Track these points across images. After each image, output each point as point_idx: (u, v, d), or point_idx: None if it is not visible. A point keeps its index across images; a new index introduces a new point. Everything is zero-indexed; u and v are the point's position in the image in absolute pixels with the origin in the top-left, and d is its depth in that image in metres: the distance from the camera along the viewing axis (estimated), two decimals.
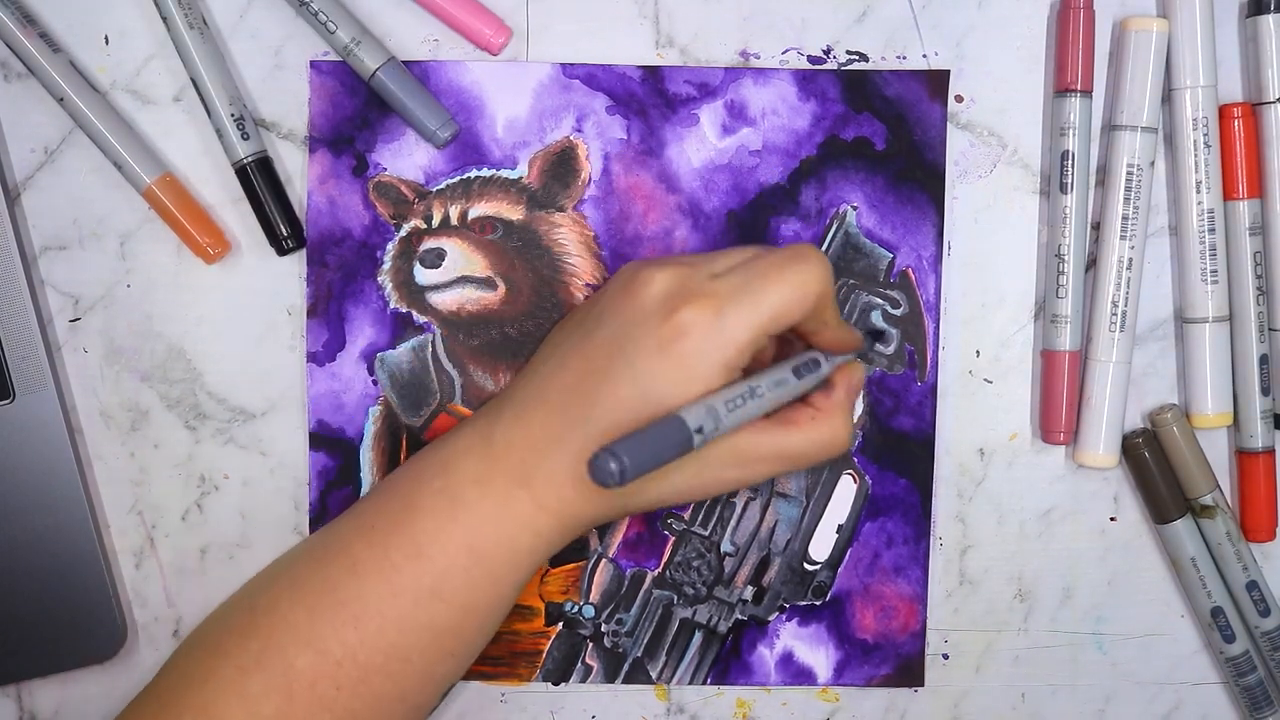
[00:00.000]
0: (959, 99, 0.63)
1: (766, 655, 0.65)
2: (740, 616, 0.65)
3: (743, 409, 0.54)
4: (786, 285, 0.54)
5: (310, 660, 0.55)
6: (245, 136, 0.61)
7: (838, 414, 0.57)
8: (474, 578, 0.56)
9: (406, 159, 0.63)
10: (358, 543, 0.57)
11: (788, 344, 0.60)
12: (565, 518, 0.56)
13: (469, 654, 0.58)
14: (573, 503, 0.56)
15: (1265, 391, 0.63)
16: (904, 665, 0.65)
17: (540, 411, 0.56)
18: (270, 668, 0.55)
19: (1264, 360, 0.63)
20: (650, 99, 0.63)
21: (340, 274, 0.63)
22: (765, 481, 0.64)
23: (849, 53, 0.63)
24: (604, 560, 0.65)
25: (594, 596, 0.65)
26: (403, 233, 0.63)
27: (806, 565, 0.65)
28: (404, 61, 0.62)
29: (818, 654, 0.65)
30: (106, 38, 0.62)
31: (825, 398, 0.58)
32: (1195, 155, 0.62)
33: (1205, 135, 0.62)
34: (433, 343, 0.63)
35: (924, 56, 0.63)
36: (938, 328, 0.64)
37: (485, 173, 0.63)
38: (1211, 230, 0.62)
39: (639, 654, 0.65)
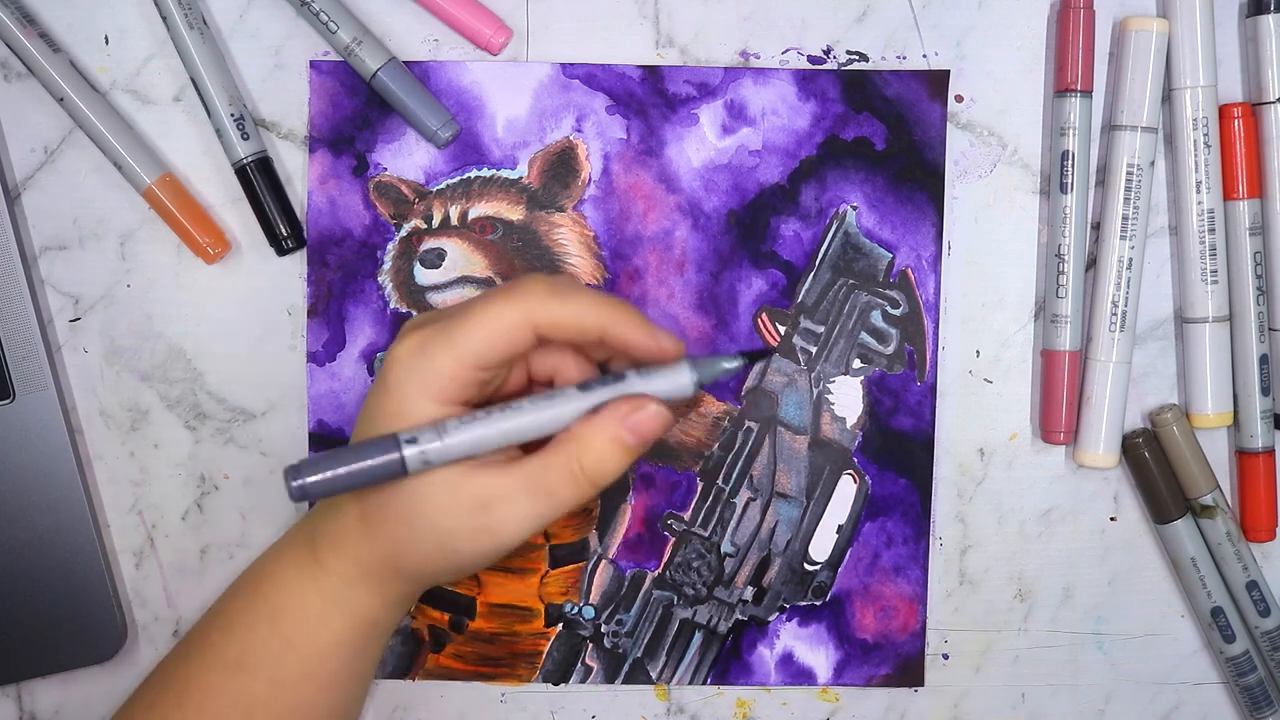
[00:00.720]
0: (959, 99, 0.63)
1: (766, 655, 0.65)
2: (740, 617, 0.65)
3: (464, 438, 0.51)
4: (484, 320, 0.51)
5: None
6: (245, 136, 0.61)
7: (593, 437, 0.52)
8: (272, 647, 0.56)
9: (406, 159, 0.63)
10: (191, 634, 0.58)
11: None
12: (347, 576, 0.55)
13: None
14: (349, 559, 0.55)
15: (1265, 391, 0.63)
16: (904, 665, 0.65)
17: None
18: None
19: (1264, 360, 0.63)
20: (650, 99, 0.63)
21: (340, 274, 0.63)
22: (766, 469, 0.64)
23: (849, 53, 0.63)
24: (604, 561, 0.65)
25: (594, 597, 0.65)
26: (403, 233, 0.63)
27: (806, 565, 0.65)
28: (404, 61, 0.62)
29: (818, 654, 0.65)
30: (106, 38, 0.62)
31: (586, 420, 0.52)
32: (1195, 155, 0.62)
33: (1205, 135, 0.62)
34: None
35: (924, 56, 0.63)
36: (937, 328, 0.64)
37: (485, 173, 0.63)
38: (1211, 230, 0.62)
39: (639, 654, 0.65)
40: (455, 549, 0.53)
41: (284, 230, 0.62)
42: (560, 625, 0.65)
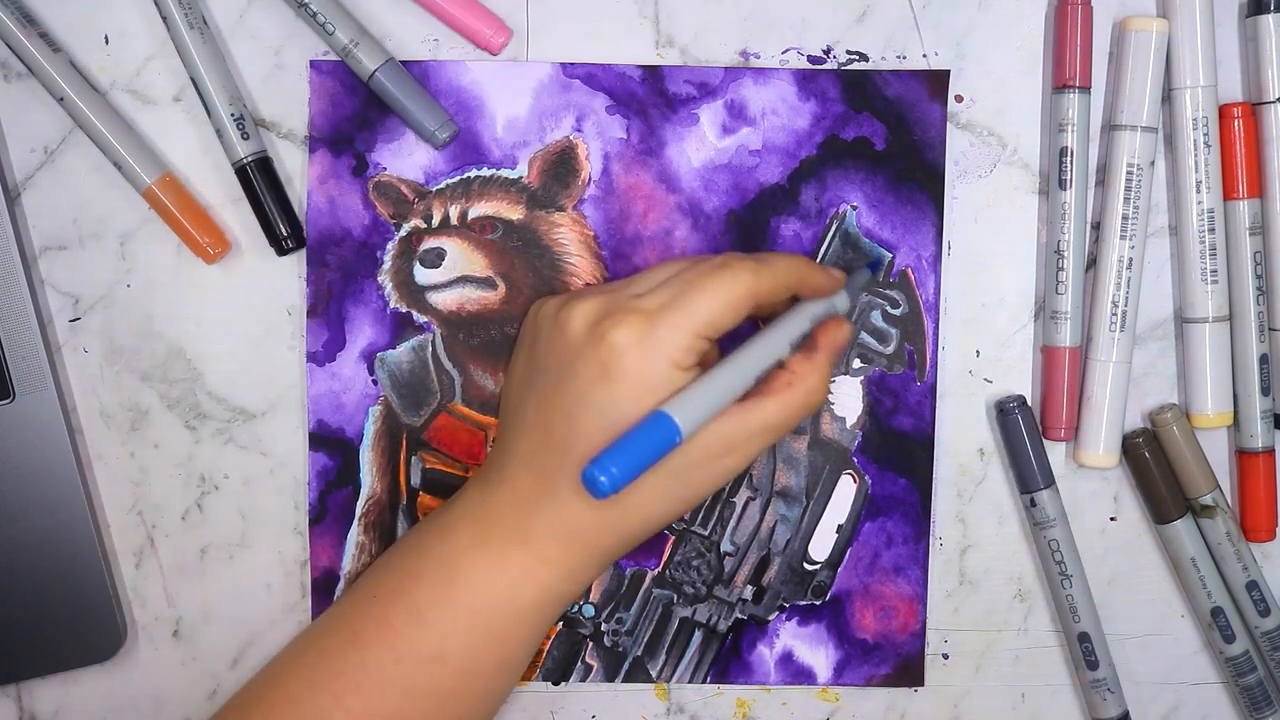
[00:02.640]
0: (959, 99, 0.63)
1: (766, 655, 0.65)
2: (740, 616, 0.65)
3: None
4: (714, 294, 0.55)
5: None
6: (245, 136, 0.61)
7: (813, 375, 0.57)
8: (475, 640, 0.56)
9: (406, 159, 0.63)
10: (357, 615, 0.58)
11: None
12: (571, 567, 0.57)
13: (479, 715, 0.58)
14: (575, 549, 0.56)
15: (1265, 391, 0.63)
16: (904, 665, 0.65)
17: (522, 472, 0.57)
18: None
19: (1264, 360, 0.63)
20: (650, 99, 0.63)
21: (340, 274, 0.63)
22: (765, 469, 0.64)
23: (849, 53, 0.63)
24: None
25: (594, 596, 0.65)
26: (403, 232, 0.63)
27: (806, 565, 0.65)
28: (404, 61, 0.62)
29: (817, 654, 0.65)
30: (106, 38, 0.62)
31: (804, 359, 0.57)
32: (1195, 155, 0.62)
33: (1205, 135, 0.62)
34: (433, 342, 0.63)
35: (924, 56, 0.63)
36: (937, 328, 0.64)
37: (485, 172, 0.63)
38: (1211, 230, 0.62)
39: (639, 653, 0.65)
40: (696, 496, 0.57)
41: (284, 230, 0.62)
42: (560, 624, 0.65)
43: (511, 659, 0.58)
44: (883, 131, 0.63)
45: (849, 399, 0.64)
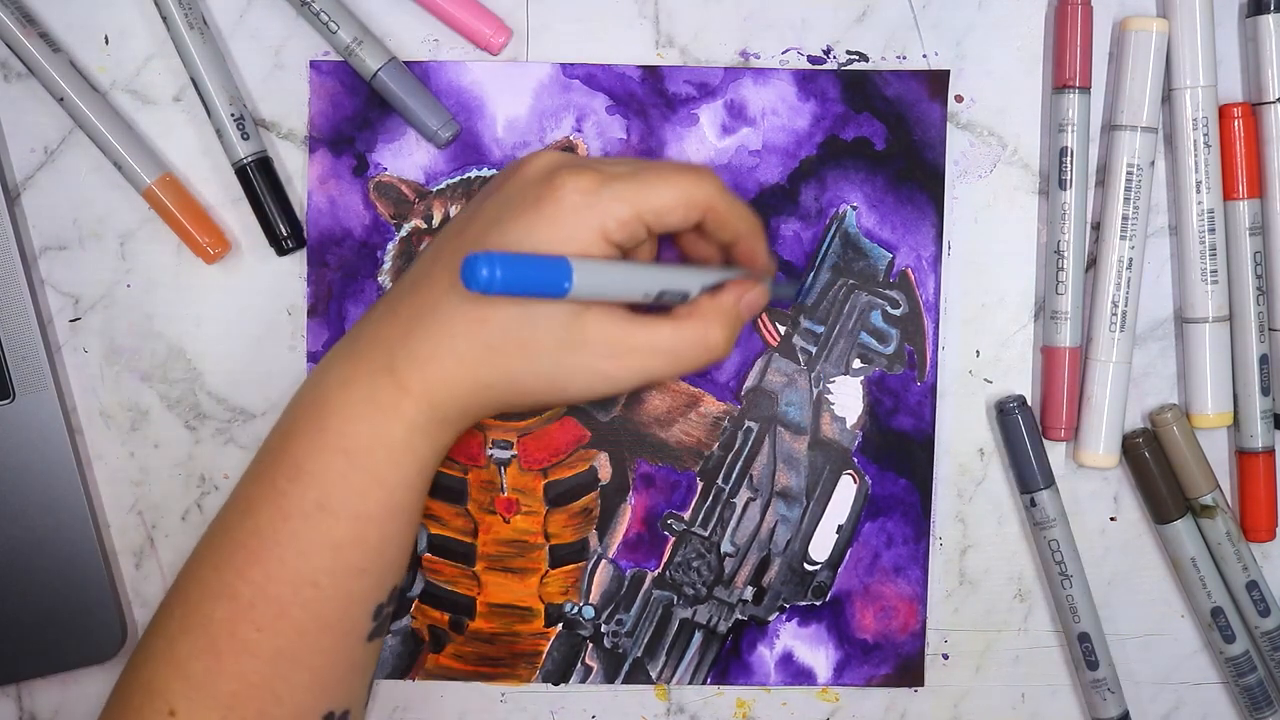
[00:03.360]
0: (959, 99, 0.63)
1: (766, 655, 0.65)
2: (740, 616, 0.65)
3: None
4: (676, 185, 0.54)
5: (225, 609, 0.54)
6: (245, 136, 0.61)
7: (715, 316, 0.56)
8: (354, 483, 0.54)
9: (407, 159, 0.63)
10: (248, 483, 0.56)
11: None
12: (434, 402, 0.54)
13: (383, 569, 0.56)
14: (438, 383, 0.54)
15: (1265, 391, 0.63)
16: (904, 665, 0.65)
17: (409, 294, 0.55)
18: (192, 628, 0.54)
19: (1264, 360, 0.63)
20: (650, 99, 0.63)
21: (341, 274, 0.63)
22: (766, 469, 0.64)
23: (849, 53, 0.63)
24: (604, 561, 0.65)
25: (594, 597, 0.65)
26: (403, 233, 0.63)
27: (806, 565, 0.65)
28: (404, 61, 0.62)
29: (817, 654, 0.65)
30: (106, 38, 0.62)
31: (709, 298, 0.56)
32: (1195, 155, 0.62)
33: (1205, 135, 0.62)
34: None
35: (924, 56, 0.63)
36: (937, 328, 0.64)
37: (486, 173, 0.63)
38: (1211, 230, 0.62)
39: (639, 654, 0.65)
40: (566, 387, 0.55)
41: (284, 230, 0.62)
42: (560, 625, 0.65)
43: (398, 505, 0.55)
44: (883, 131, 0.63)
45: (849, 399, 0.64)
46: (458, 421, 0.56)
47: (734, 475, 0.64)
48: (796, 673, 0.65)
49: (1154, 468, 0.64)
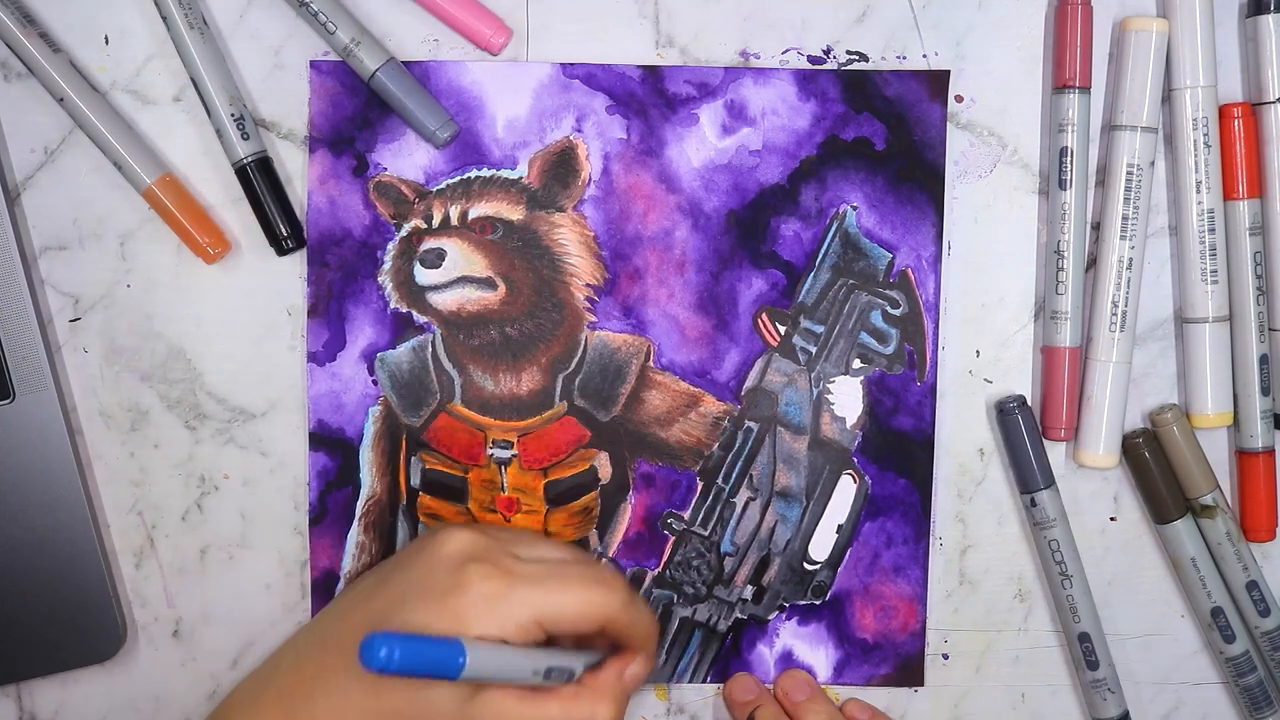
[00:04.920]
0: (959, 99, 0.63)
1: (766, 654, 0.65)
2: (740, 616, 0.65)
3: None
4: (579, 597, 0.56)
5: None
6: (245, 136, 0.61)
7: (602, 693, 0.58)
8: None
9: (407, 159, 0.63)
10: None
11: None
12: None
13: None
14: None
15: (1265, 391, 0.63)
16: (904, 665, 0.65)
17: (319, 654, 0.57)
18: None
19: (1264, 360, 0.63)
20: (650, 99, 0.63)
21: (340, 274, 0.63)
22: (766, 469, 0.64)
23: (849, 53, 0.63)
24: (604, 560, 0.65)
25: None
26: (403, 233, 0.63)
27: (806, 565, 0.65)
28: (404, 62, 0.62)
29: (817, 653, 0.65)
30: (106, 38, 0.62)
31: (592, 676, 0.58)
32: (1195, 155, 0.62)
33: (1205, 135, 0.62)
34: (433, 343, 0.63)
35: (924, 56, 0.63)
36: (937, 328, 0.64)
37: (485, 173, 0.63)
38: (1211, 230, 0.62)
39: None
40: None
41: (284, 230, 0.62)
42: None
43: None
44: (883, 131, 0.63)
45: (849, 399, 0.64)
46: None
47: (734, 475, 0.64)
48: None
49: (1154, 468, 0.64)
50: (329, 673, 0.56)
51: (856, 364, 0.64)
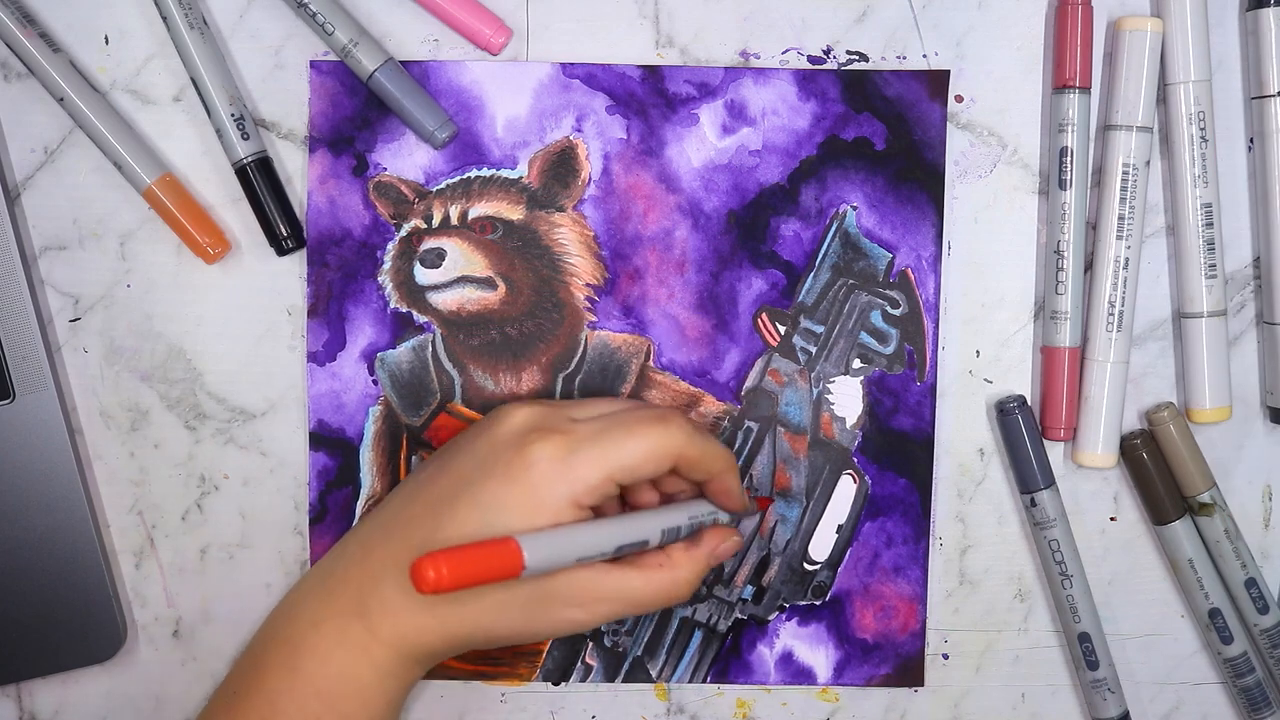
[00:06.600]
0: (959, 99, 0.63)
1: (766, 655, 0.65)
2: (740, 616, 0.65)
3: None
4: (643, 440, 0.55)
5: None
6: (245, 136, 0.61)
7: (686, 567, 0.57)
8: None
9: (406, 159, 0.63)
10: (221, 713, 0.57)
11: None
12: (403, 648, 0.56)
13: None
14: (408, 631, 0.56)
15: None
16: (904, 665, 0.65)
17: (384, 542, 0.57)
18: None
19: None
20: (650, 99, 0.63)
21: (340, 274, 0.63)
22: (766, 469, 0.64)
23: (849, 53, 0.63)
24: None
25: None
26: (403, 233, 0.63)
27: (806, 565, 0.65)
28: (404, 62, 0.62)
29: (817, 654, 0.65)
30: (106, 38, 0.62)
31: (683, 549, 0.58)
32: (1191, 149, 0.62)
33: (1201, 129, 0.62)
34: (433, 343, 0.63)
35: (924, 56, 0.63)
36: (937, 328, 0.64)
37: (485, 173, 0.63)
38: (1209, 225, 0.62)
39: (639, 653, 0.65)
40: (538, 631, 0.56)
41: (284, 230, 0.62)
42: None
43: None
44: (883, 131, 0.63)
45: (849, 399, 0.64)
46: (427, 661, 0.57)
47: None
48: (796, 672, 0.65)
49: (1152, 469, 0.64)
50: (394, 564, 0.56)
51: (856, 364, 0.64)
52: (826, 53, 0.63)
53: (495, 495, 0.54)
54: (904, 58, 0.63)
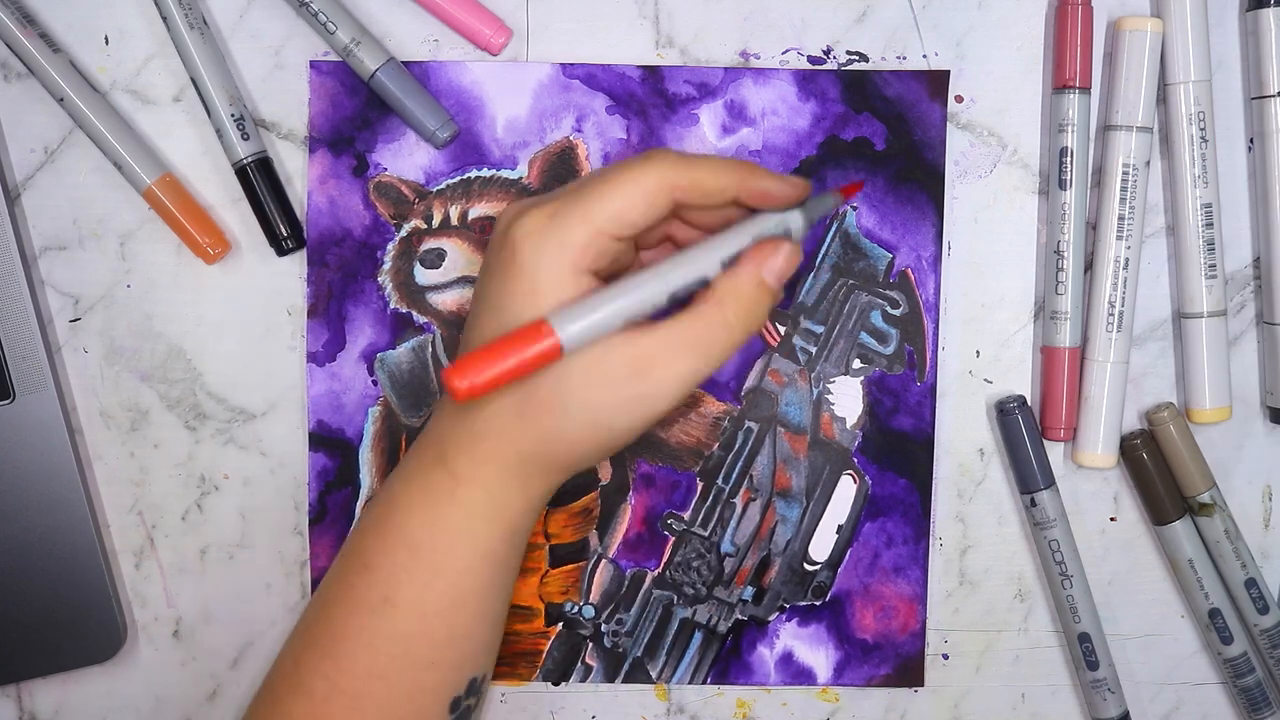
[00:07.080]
0: (959, 99, 0.63)
1: (766, 655, 0.65)
2: (740, 616, 0.65)
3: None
4: (619, 184, 0.50)
5: (302, 705, 0.54)
6: (245, 136, 0.61)
7: (728, 293, 0.51)
8: (417, 575, 0.53)
9: (407, 159, 0.63)
10: (327, 579, 0.56)
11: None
12: (486, 483, 0.53)
13: (455, 661, 0.55)
14: (486, 460, 0.53)
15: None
16: (904, 665, 0.65)
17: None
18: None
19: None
20: (650, 99, 0.63)
21: (340, 274, 0.63)
22: (766, 469, 0.64)
23: (849, 53, 0.63)
24: (604, 560, 0.65)
25: (594, 597, 0.65)
26: (403, 233, 0.63)
27: (806, 565, 0.65)
28: (404, 62, 0.62)
29: (817, 654, 0.65)
30: (106, 38, 0.62)
31: (728, 273, 0.52)
32: (1191, 149, 0.62)
33: (1201, 129, 0.62)
34: (433, 343, 0.63)
35: (924, 57, 0.63)
36: (937, 328, 0.64)
37: (485, 173, 0.63)
38: (1209, 225, 0.62)
39: (639, 654, 0.65)
40: (611, 424, 0.51)
41: (284, 230, 0.62)
42: (560, 624, 0.65)
43: (463, 596, 0.54)
44: (883, 132, 0.63)
45: (849, 399, 0.64)
46: (519, 502, 0.54)
47: (734, 475, 0.64)
48: (796, 673, 0.65)
49: (1152, 470, 0.64)
50: (453, 409, 0.53)
51: (856, 364, 0.64)
52: (826, 53, 0.63)
53: (499, 293, 0.51)
54: (904, 58, 0.63)
